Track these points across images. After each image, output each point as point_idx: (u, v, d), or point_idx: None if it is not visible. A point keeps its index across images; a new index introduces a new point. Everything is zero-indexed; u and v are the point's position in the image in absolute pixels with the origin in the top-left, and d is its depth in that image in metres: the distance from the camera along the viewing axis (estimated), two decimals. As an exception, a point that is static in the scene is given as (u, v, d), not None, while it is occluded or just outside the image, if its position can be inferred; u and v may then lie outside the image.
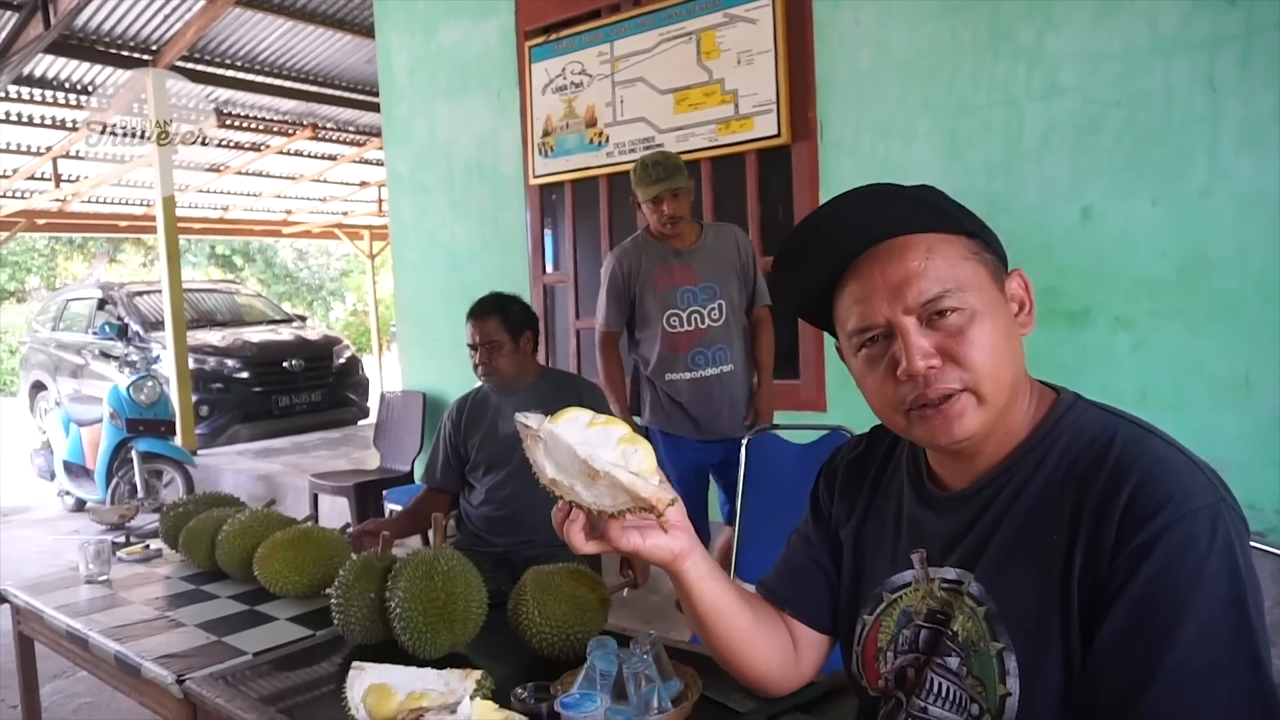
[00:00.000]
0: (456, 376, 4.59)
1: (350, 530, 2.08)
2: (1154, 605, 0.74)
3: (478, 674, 1.25)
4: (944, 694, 0.88)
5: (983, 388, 0.83)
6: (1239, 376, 2.57)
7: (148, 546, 2.27)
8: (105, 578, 2.04)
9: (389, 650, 1.46)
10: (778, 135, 3.40)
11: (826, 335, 3.34)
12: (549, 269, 4.39)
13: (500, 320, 2.43)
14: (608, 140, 3.95)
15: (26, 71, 6.65)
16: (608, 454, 0.86)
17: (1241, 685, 0.72)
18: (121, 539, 2.39)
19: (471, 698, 1.21)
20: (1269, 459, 2.53)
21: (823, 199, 3.35)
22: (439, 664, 1.36)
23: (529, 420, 0.88)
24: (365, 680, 1.25)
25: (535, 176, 4.25)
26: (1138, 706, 0.73)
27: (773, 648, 1.05)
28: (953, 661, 0.87)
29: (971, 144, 2.97)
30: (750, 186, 3.60)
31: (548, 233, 4.40)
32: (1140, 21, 2.65)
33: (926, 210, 0.86)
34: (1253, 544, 0.80)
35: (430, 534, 1.57)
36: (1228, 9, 2.52)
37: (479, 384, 2.65)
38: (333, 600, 1.55)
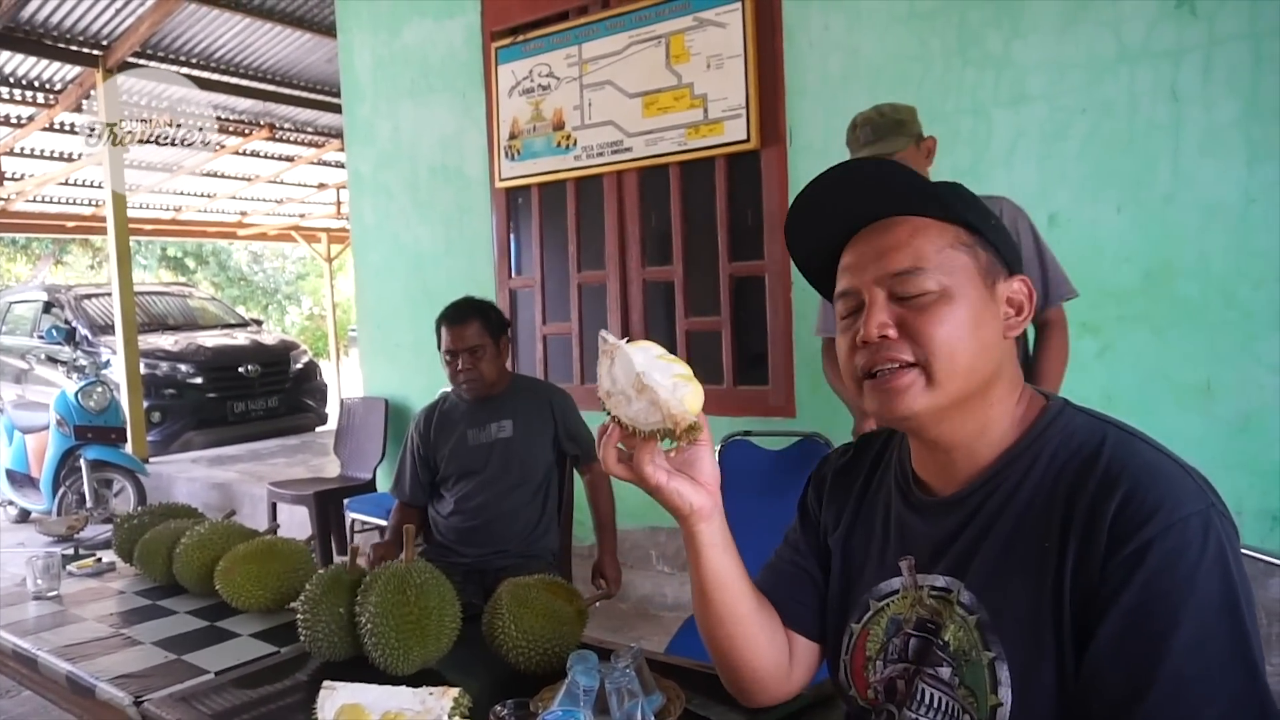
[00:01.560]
0: (419, 382, 4.51)
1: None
2: (1148, 612, 0.74)
3: (454, 692, 1.21)
4: (936, 705, 0.87)
5: (933, 366, 0.84)
6: (1201, 381, 2.62)
7: (99, 560, 2.18)
8: (55, 593, 1.95)
9: (358, 667, 1.41)
10: (747, 140, 3.39)
11: (795, 342, 3.32)
12: (515, 273, 4.34)
13: (482, 324, 2.38)
14: (576, 143, 3.91)
15: (-32, 66, 6.43)
16: (661, 378, 0.90)
17: (1237, 690, 0.72)
18: (70, 552, 2.29)
19: (449, 716, 1.17)
20: (1230, 462, 2.58)
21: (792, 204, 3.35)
22: (412, 680, 1.31)
23: (609, 336, 0.93)
24: (337, 700, 1.20)
25: (501, 179, 4.20)
26: (1135, 713, 0.73)
27: (769, 643, 1.03)
28: (944, 672, 0.86)
29: (941, 150, 2.95)
30: (720, 191, 3.59)
31: (513, 237, 4.34)
32: (1105, 31, 2.69)
33: (932, 197, 0.89)
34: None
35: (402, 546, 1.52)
36: (1190, 20, 2.57)
37: (443, 391, 2.60)
38: (299, 615, 1.49)
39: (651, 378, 0.89)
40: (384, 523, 4.12)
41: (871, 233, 0.90)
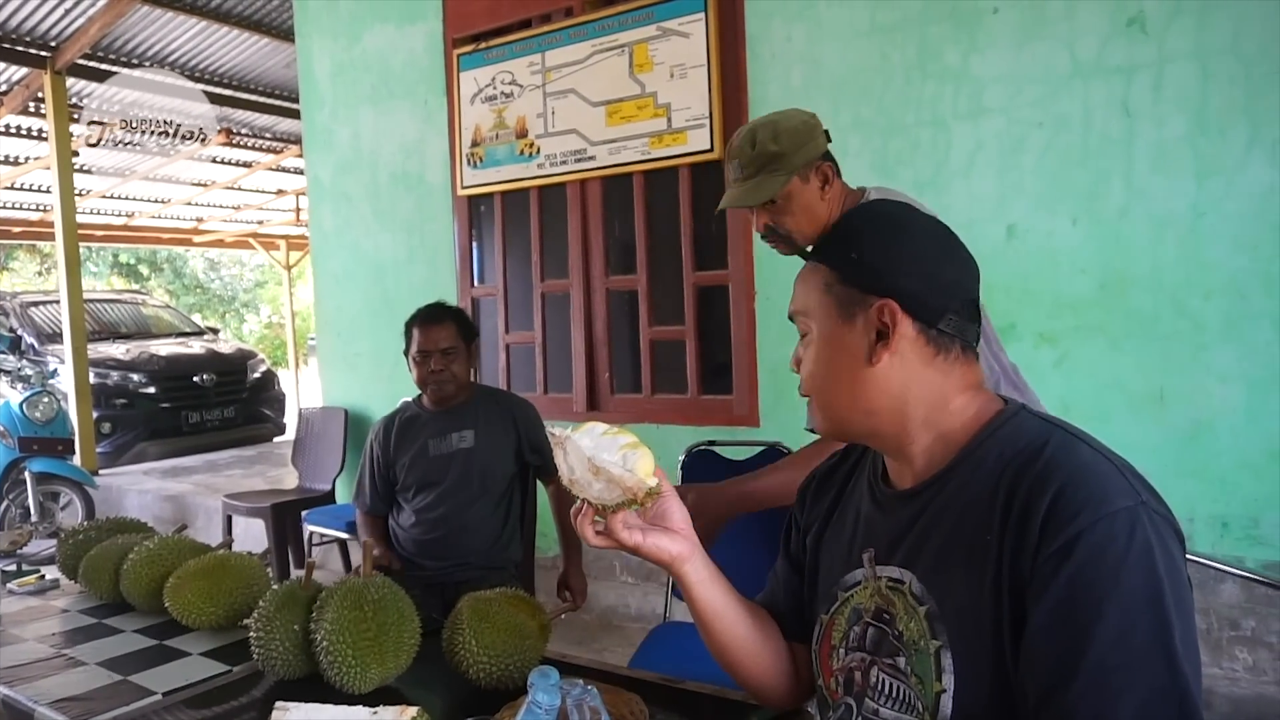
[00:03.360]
0: (379, 392, 4.45)
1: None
2: (1073, 604, 0.77)
3: (413, 711, 1.18)
4: (893, 694, 0.91)
5: (813, 400, 0.98)
6: (1154, 390, 2.67)
7: (42, 576, 2.10)
8: (-7, 612, 1.87)
9: (313, 685, 1.37)
10: (710, 150, 3.40)
11: (759, 352, 3.32)
12: (477, 282, 4.30)
13: (456, 327, 2.36)
14: (539, 152, 3.89)
15: (-91, 65, 6.23)
16: (610, 455, 0.98)
17: (1158, 679, 0.75)
18: (12, 568, 2.20)
19: (407, 737, 1.14)
20: (1182, 469, 2.63)
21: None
22: (370, 699, 1.28)
23: (556, 430, 1.02)
24: (290, 721, 1.16)
25: (464, 187, 4.16)
26: (1059, 702, 0.76)
27: (773, 656, 1.10)
28: (900, 661, 0.90)
29: (901, 162, 3.02)
30: (684, 201, 3.59)
31: (476, 245, 4.31)
32: (1060, 47, 2.74)
33: (826, 241, 0.99)
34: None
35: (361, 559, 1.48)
36: (1141, 38, 2.63)
37: (404, 401, 2.56)
38: (252, 632, 1.44)
39: (601, 459, 0.98)
40: (344, 535, 4.05)
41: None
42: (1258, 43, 2.49)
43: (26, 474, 5.10)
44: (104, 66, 6.56)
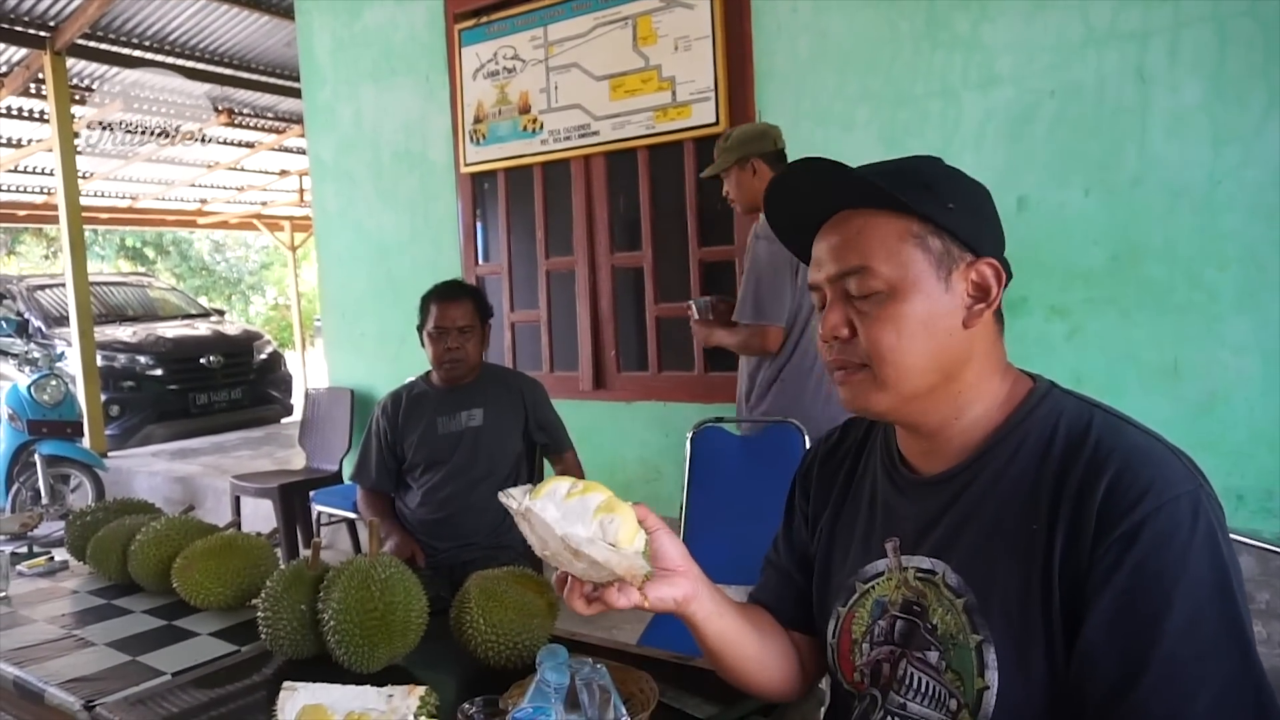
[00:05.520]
0: (384, 371, 4.44)
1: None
2: (1141, 594, 0.73)
3: (421, 690, 1.17)
4: (923, 689, 0.86)
5: (879, 370, 0.84)
6: (1168, 362, 2.64)
7: (52, 558, 2.10)
8: (3, 594, 1.87)
9: (322, 665, 1.37)
10: (716, 123, 3.35)
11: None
12: (481, 260, 4.28)
13: (474, 304, 2.34)
14: (542, 127, 3.85)
15: (-91, 48, 6.19)
16: (584, 529, 0.86)
17: (1232, 669, 0.72)
18: (23, 550, 2.20)
19: (416, 716, 1.13)
20: (1196, 442, 2.58)
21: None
22: (377, 679, 1.27)
23: (511, 500, 0.88)
24: (298, 701, 1.15)
25: (467, 164, 4.13)
26: (1131, 697, 0.72)
27: (782, 659, 1.05)
28: (932, 655, 0.85)
29: (910, 133, 2.98)
30: (689, 175, 3.55)
31: (480, 223, 4.28)
32: (1073, 13, 2.68)
33: (886, 186, 0.84)
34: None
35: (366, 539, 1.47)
36: (1156, 1, 2.57)
37: (410, 379, 2.54)
38: (260, 613, 1.44)
39: (578, 539, 0.85)
40: (351, 515, 4.05)
41: (830, 227, 0.90)
42: (1277, 4, 2.43)
43: (36, 456, 5.12)
44: (104, 46, 6.51)
